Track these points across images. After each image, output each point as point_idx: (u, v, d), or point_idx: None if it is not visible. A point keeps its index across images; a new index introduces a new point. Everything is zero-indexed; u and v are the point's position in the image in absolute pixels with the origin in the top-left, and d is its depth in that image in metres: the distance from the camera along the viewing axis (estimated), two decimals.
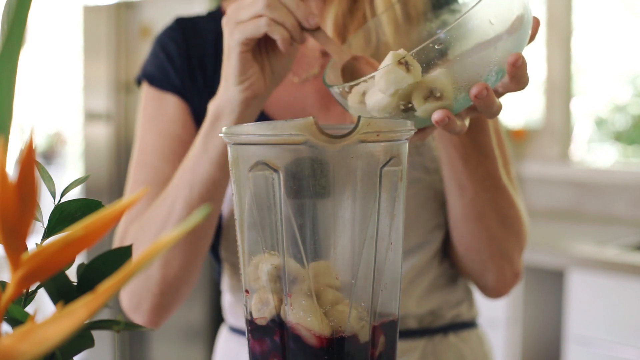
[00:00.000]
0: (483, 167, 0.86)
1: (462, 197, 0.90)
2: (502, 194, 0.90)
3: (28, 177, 0.33)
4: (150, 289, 0.92)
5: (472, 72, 0.67)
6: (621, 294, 2.03)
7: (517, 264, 0.97)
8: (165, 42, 1.03)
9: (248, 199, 0.59)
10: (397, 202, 0.60)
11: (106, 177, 3.01)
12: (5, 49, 0.37)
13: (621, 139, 3.22)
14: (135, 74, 1.09)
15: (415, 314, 0.98)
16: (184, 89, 1.00)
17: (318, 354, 0.58)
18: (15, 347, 0.31)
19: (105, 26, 2.97)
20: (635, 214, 2.64)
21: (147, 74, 1.03)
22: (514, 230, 0.94)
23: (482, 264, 0.96)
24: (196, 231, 0.89)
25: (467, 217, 0.92)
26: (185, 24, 1.04)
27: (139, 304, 0.93)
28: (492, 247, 0.93)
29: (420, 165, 0.95)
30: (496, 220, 0.91)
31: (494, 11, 0.65)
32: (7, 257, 0.35)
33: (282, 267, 0.58)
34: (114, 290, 0.33)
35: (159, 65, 1.02)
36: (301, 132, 0.55)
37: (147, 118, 1.01)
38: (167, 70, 1.01)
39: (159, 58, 1.02)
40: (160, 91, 1.01)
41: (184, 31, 1.03)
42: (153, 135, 0.99)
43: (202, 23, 1.04)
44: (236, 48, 0.77)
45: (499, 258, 0.94)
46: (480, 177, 0.87)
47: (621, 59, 3.11)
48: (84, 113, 3.11)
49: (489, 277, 0.97)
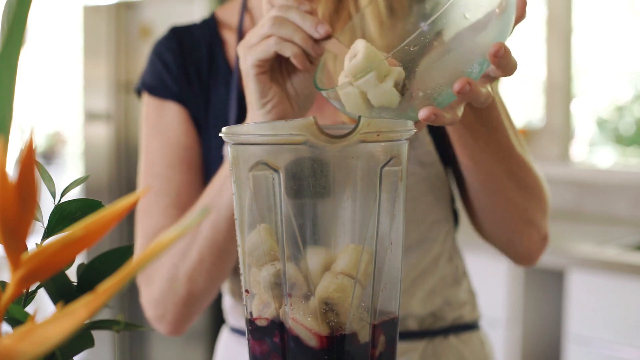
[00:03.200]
0: (495, 140, 0.85)
1: (478, 172, 0.89)
2: (517, 162, 0.89)
3: (28, 177, 0.33)
4: (175, 303, 0.94)
5: (453, 66, 0.66)
6: (621, 294, 2.03)
7: (544, 227, 0.97)
8: (162, 51, 1.04)
9: (248, 199, 0.59)
10: (397, 202, 0.60)
11: (106, 177, 3.01)
12: (5, 49, 0.37)
13: (621, 139, 3.22)
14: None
15: (416, 314, 0.97)
16: (182, 96, 1.01)
17: (318, 354, 0.58)
18: (15, 347, 0.31)
19: (105, 26, 2.97)
20: (635, 214, 2.64)
21: (146, 84, 1.04)
22: (535, 195, 0.93)
23: (510, 234, 0.96)
24: (221, 250, 0.90)
25: (487, 191, 0.91)
26: (181, 33, 1.05)
27: (164, 315, 0.96)
28: (517, 216, 0.93)
29: (415, 159, 0.95)
30: (516, 188, 0.91)
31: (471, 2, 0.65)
32: (7, 257, 0.35)
33: (282, 268, 0.58)
34: (114, 290, 0.32)
35: (156, 74, 1.03)
36: (301, 132, 0.55)
37: (150, 127, 1.02)
38: (165, 79, 1.02)
39: (156, 67, 1.03)
40: (160, 100, 1.02)
41: (179, 39, 1.04)
42: (158, 143, 1.00)
43: (197, 31, 1.05)
44: (251, 71, 0.75)
45: (525, 225, 0.94)
46: (493, 150, 0.86)
47: (621, 59, 3.11)
48: (84, 113, 3.11)
49: (518, 245, 0.97)
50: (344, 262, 0.58)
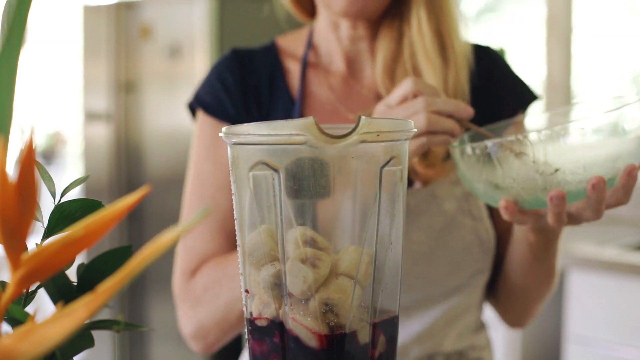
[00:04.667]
0: (548, 262, 0.98)
1: (519, 268, 1.00)
2: (552, 273, 1.01)
3: (28, 177, 0.33)
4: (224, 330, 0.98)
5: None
6: (621, 294, 2.03)
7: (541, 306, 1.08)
8: (222, 72, 1.05)
9: (248, 199, 0.59)
10: (397, 202, 0.60)
11: (106, 177, 3.01)
12: (5, 49, 0.37)
13: None
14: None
15: (445, 352, 1.01)
16: (239, 120, 1.02)
17: (318, 354, 0.58)
18: (15, 347, 0.31)
19: (105, 26, 2.97)
20: (635, 214, 2.64)
21: (202, 102, 1.04)
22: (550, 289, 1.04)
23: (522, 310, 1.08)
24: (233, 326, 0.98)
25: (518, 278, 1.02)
26: (242, 55, 1.07)
27: (206, 337, 1.00)
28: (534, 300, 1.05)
29: (468, 212, 1.00)
30: (542, 283, 1.02)
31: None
32: (7, 257, 0.35)
33: (282, 268, 0.58)
34: (114, 290, 0.32)
35: (214, 94, 1.04)
36: (301, 132, 0.55)
37: (204, 147, 1.03)
38: (223, 101, 1.03)
39: (215, 87, 1.04)
40: (216, 121, 1.03)
41: (240, 62, 1.06)
42: (210, 166, 1.01)
43: (258, 55, 1.07)
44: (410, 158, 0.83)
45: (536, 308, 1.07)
46: (542, 269, 0.99)
47: (622, 59, 3.11)
48: (84, 113, 3.11)
49: (520, 319, 1.10)
50: (344, 263, 0.58)
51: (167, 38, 2.79)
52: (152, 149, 2.88)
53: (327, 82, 1.04)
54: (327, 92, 1.04)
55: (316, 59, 1.06)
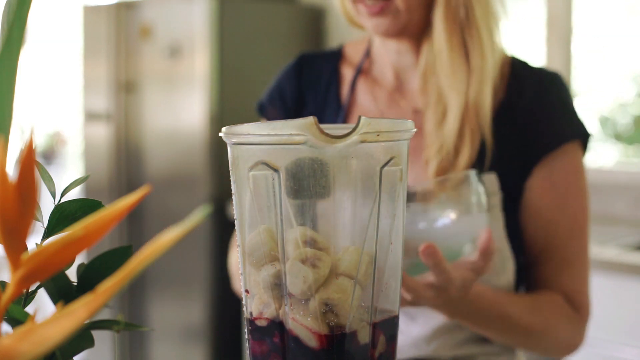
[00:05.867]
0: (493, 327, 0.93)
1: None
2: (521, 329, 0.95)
3: (28, 177, 0.33)
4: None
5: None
6: (621, 294, 2.03)
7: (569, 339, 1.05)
8: (282, 79, 1.12)
9: (248, 199, 0.59)
10: (397, 202, 0.60)
11: (106, 177, 3.01)
12: (5, 49, 0.37)
13: (622, 138, 3.22)
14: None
15: (448, 356, 0.99)
16: None
17: (318, 354, 0.58)
18: (15, 347, 0.31)
19: (105, 26, 2.97)
20: (635, 214, 2.64)
21: (261, 106, 1.13)
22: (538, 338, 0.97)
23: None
24: None
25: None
26: (305, 62, 1.12)
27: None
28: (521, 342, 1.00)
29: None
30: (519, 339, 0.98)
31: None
32: (7, 257, 0.35)
33: (282, 268, 0.58)
34: (114, 290, 0.32)
35: (271, 101, 1.11)
36: (301, 132, 0.55)
37: None
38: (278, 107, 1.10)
39: (273, 94, 1.12)
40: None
41: (301, 70, 1.11)
42: None
43: (322, 61, 1.12)
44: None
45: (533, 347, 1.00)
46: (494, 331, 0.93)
47: (622, 58, 3.11)
48: (84, 113, 3.11)
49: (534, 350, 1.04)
50: (344, 263, 0.58)
51: (167, 38, 2.79)
52: (152, 149, 2.88)
53: (373, 93, 1.06)
54: (372, 102, 1.06)
55: (369, 68, 1.08)
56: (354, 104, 1.07)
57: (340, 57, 1.11)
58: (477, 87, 0.95)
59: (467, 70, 0.96)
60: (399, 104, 1.04)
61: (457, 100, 0.95)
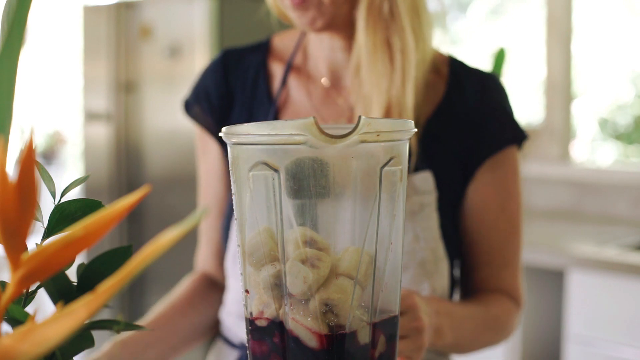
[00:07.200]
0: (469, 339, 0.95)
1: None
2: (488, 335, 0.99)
3: (28, 177, 0.33)
4: None
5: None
6: (621, 294, 2.03)
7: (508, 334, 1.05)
8: (206, 76, 1.09)
9: (248, 199, 0.59)
10: (397, 202, 0.60)
11: (106, 177, 3.01)
12: (5, 49, 0.37)
13: (622, 138, 3.22)
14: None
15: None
16: (218, 125, 1.05)
17: (318, 354, 0.58)
18: (15, 347, 0.31)
19: (105, 26, 2.97)
20: (635, 214, 2.64)
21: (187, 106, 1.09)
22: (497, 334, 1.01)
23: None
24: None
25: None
26: (230, 57, 1.09)
27: None
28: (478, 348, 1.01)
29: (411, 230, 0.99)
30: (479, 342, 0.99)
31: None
32: (7, 257, 0.35)
33: (282, 269, 0.58)
34: (114, 290, 0.32)
35: (196, 99, 1.08)
36: (301, 132, 0.55)
37: (198, 149, 1.11)
38: (204, 108, 1.07)
39: (198, 92, 1.09)
40: (198, 125, 1.08)
41: (226, 65, 1.08)
42: (201, 171, 1.10)
43: (247, 56, 1.08)
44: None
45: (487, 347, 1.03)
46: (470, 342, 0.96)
47: (622, 58, 3.11)
48: (84, 113, 3.11)
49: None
50: (344, 263, 0.58)
51: (167, 38, 2.79)
52: (152, 149, 2.88)
53: (308, 89, 1.03)
54: (306, 99, 1.02)
55: (303, 63, 1.04)
56: (286, 101, 1.03)
57: (268, 51, 1.07)
58: (400, 85, 0.93)
59: (391, 68, 0.93)
60: (336, 101, 1.01)
61: (379, 98, 0.92)
